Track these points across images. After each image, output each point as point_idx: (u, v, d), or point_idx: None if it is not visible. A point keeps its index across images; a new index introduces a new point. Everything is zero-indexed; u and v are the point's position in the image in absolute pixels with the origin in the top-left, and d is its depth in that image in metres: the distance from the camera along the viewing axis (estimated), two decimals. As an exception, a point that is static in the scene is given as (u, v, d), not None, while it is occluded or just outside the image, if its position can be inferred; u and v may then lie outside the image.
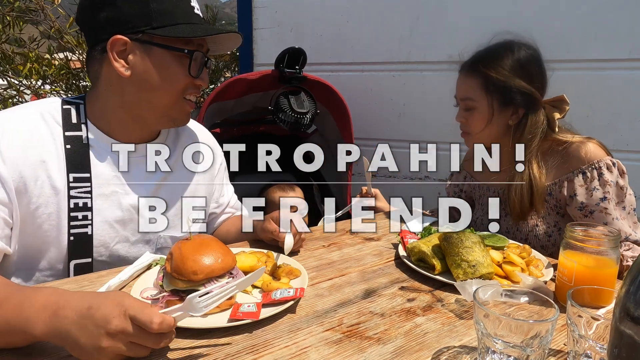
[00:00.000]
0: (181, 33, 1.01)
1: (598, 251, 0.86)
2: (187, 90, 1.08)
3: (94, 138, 1.06)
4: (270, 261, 1.01)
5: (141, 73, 1.03)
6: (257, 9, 2.56)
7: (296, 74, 2.01)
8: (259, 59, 2.62)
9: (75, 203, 1.02)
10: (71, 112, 1.06)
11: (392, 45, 2.33)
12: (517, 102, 1.30)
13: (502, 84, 1.29)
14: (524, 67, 1.31)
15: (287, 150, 1.13)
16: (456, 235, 1.03)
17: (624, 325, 0.48)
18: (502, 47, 1.34)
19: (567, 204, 1.29)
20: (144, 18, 1.00)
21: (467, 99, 1.36)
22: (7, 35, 3.26)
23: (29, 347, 0.72)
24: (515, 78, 1.29)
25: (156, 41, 1.02)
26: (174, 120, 1.12)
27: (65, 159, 1.02)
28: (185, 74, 1.04)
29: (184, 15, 1.04)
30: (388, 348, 0.75)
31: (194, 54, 1.04)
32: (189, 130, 1.29)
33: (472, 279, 0.93)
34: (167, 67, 1.03)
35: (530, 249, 1.12)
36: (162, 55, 1.03)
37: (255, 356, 0.72)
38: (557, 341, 0.77)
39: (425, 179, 2.38)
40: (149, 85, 1.04)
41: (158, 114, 1.09)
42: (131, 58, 1.02)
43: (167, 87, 1.05)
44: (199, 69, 1.07)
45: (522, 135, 1.31)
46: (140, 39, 1.01)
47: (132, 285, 0.92)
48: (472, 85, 1.34)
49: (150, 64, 1.03)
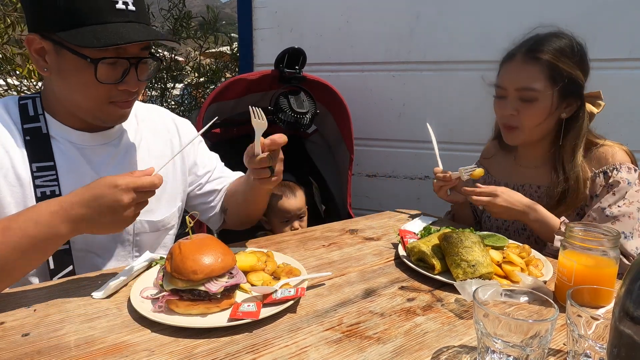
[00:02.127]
0: (81, 40, 0.91)
1: (597, 251, 0.86)
2: (112, 95, 1.01)
3: (53, 128, 1.07)
4: (270, 260, 1.01)
5: (58, 74, 0.99)
6: (257, 9, 2.56)
7: (296, 74, 2.00)
8: (259, 59, 2.62)
9: (43, 192, 1.03)
10: (28, 105, 1.07)
11: (392, 45, 2.33)
12: (577, 94, 1.25)
13: (566, 74, 1.23)
14: (583, 59, 1.26)
15: (287, 150, 1.12)
16: (456, 235, 1.03)
17: (624, 325, 0.48)
18: (559, 37, 1.27)
19: (587, 204, 1.27)
20: (52, 18, 0.93)
21: (526, 89, 1.25)
22: (8, 36, 3.26)
23: (29, 347, 0.72)
24: (577, 69, 1.24)
25: (65, 44, 0.93)
26: (103, 122, 1.07)
27: (26, 149, 1.03)
28: (96, 81, 0.96)
29: (99, 14, 0.92)
30: (388, 348, 0.75)
31: (100, 60, 0.94)
32: (149, 112, 1.27)
33: (472, 279, 0.93)
34: (80, 71, 0.96)
35: (530, 248, 1.12)
36: (73, 59, 0.94)
37: (255, 355, 0.72)
38: (556, 341, 0.77)
39: (426, 179, 2.38)
40: (67, 87, 1.00)
41: (85, 114, 1.05)
42: (48, 58, 0.98)
43: (84, 92, 0.99)
44: (122, 74, 0.98)
45: (578, 131, 1.27)
46: (52, 39, 0.94)
47: (132, 284, 0.92)
48: (535, 74, 1.24)
49: (64, 67, 0.97)
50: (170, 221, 1.26)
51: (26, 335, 0.76)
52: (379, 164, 2.50)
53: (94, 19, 0.92)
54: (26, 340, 0.74)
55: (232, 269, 0.87)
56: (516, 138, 1.34)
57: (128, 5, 0.96)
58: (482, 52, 2.13)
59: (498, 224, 1.49)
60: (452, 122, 2.25)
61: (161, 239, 1.25)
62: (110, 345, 0.74)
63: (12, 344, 0.73)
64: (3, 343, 0.73)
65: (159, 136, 1.25)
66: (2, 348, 0.72)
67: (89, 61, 0.94)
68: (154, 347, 0.73)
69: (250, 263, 0.98)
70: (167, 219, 1.24)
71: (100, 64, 0.95)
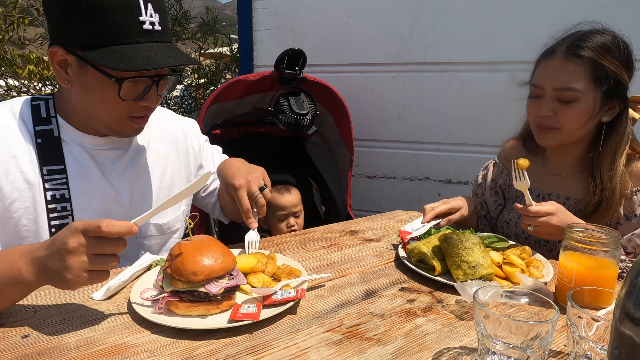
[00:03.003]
0: (108, 61, 0.91)
1: (598, 252, 0.85)
2: (132, 110, 1.02)
3: (64, 131, 1.07)
4: (271, 262, 1.01)
5: (80, 88, 0.99)
6: (257, 10, 2.56)
7: (296, 75, 2.01)
8: (259, 60, 2.62)
9: (52, 195, 1.03)
10: (40, 107, 1.06)
11: (391, 46, 2.33)
12: (621, 96, 1.15)
13: (612, 74, 1.12)
14: (629, 59, 1.16)
15: (287, 151, 1.12)
16: (456, 236, 1.03)
17: (624, 326, 0.48)
18: (604, 35, 1.16)
19: (620, 222, 1.17)
20: (79, 35, 0.93)
21: (567, 89, 1.14)
22: (9, 36, 3.27)
23: (29, 349, 0.72)
24: (624, 70, 1.14)
25: (90, 61, 0.94)
26: (118, 134, 1.07)
27: (37, 152, 1.02)
28: (118, 98, 0.97)
29: (124, 35, 0.93)
30: (388, 349, 0.75)
31: (125, 80, 0.94)
32: (158, 116, 1.26)
33: (472, 280, 0.93)
34: (102, 87, 0.97)
35: (530, 250, 1.12)
36: (96, 75, 0.95)
37: (256, 357, 0.72)
38: (557, 342, 0.77)
39: (425, 180, 2.38)
40: (88, 100, 1.01)
41: (102, 126, 1.05)
42: (70, 70, 0.98)
43: (105, 107, 1.00)
44: (144, 91, 0.99)
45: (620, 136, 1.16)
46: (76, 54, 0.95)
47: (132, 286, 0.92)
48: (576, 73, 1.14)
49: (87, 81, 0.97)
50: (174, 224, 1.26)
51: (26, 336, 0.76)
52: (379, 165, 2.50)
53: (121, 40, 0.93)
54: (26, 341, 0.74)
55: (232, 270, 0.87)
56: (552, 139, 1.22)
57: (155, 25, 0.96)
58: (482, 53, 2.13)
59: (517, 232, 1.37)
60: (452, 122, 2.26)
61: (166, 243, 1.26)
62: (110, 347, 0.74)
63: (12, 345, 0.73)
64: (3, 344, 0.73)
65: (166, 139, 1.26)
66: (3, 349, 0.72)
67: (113, 80, 0.94)
68: (154, 348, 0.73)
69: (250, 264, 0.98)
70: (172, 222, 1.25)
71: (124, 83, 0.95)
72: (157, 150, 1.22)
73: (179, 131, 1.29)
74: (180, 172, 1.27)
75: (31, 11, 3.37)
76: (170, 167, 1.24)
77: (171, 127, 1.28)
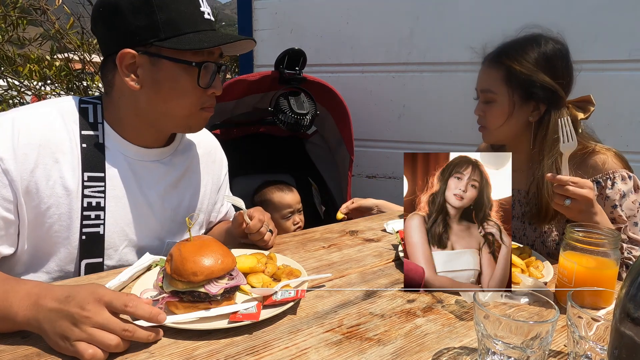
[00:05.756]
0: (188, 45, 0.97)
1: (598, 252, 0.85)
2: (203, 101, 1.05)
3: (109, 139, 1.06)
4: (271, 263, 1.01)
5: (152, 86, 1.01)
6: (257, 10, 2.56)
7: (296, 75, 2.01)
8: (259, 60, 2.62)
9: (89, 202, 1.02)
10: (88, 111, 1.06)
11: (391, 46, 2.33)
12: (540, 97, 1.25)
13: (525, 77, 1.24)
14: (550, 62, 1.25)
15: (287, 151, 1.12)
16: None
17: (624, 327, 0.48)
18: (528, 40, 1.28)
19: None
20: (150, 30, 0.97)
21: (487, 91, 1.31)
22: (9, 35, 3.27)
23: (29, 349, 0.72)
24: (540, 72, 1.24)
25: (164, 54, 0.98)
26: (190, 128, 1.11)
27: (81, 157, 1.01)
28: (196, 86, 1.01)
29: (192, 24, 0.99)
30: (388, 349, 0.75)
31: (203, 65, 1.00)
32: (201, 138, 1.28)
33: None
34: (177, 79, 1.00)
35: (530, 249, 1.12)
36: (171, 67, 0.99)
37: (255, 357, 0.72)
38: (557, 342, 0.77)
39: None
40: (162, 97, 1.02)
41: (174, 123, 1.07)
42: (141, 71, 1.00)
43: (180, 100, 1.03)
44: (211, 78, 1.03)
45: (547, 134, 1.25)
46: (149, 52, 0.98)
47: (131, 286, 0.92)
48: (494, 77, 1.29)
49: (160, 77, 1.00)
50: None
51: (26, 337, 0.75)
52: (379, 165, 2.50)
53: (189, 28, 0.99)
54: (26, 342, 0.74)
55: (232, 270, 0.87)
56: (486, 137, 1.38)
57: (210, 15, 1.05)
58: (482, 53, 2.13)
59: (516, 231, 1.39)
60: (452, 123, 2.25)
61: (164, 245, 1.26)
62: (110, 347, 0.73)
63: (12, 345, 0.73)
64: (3, 345, 0.73)
65: (205, 162, 1.26)
66: (2, 350, 0.72)
67: (193, 65, 0.99)
68: (154, 348, 0.73)
69: (251, 265, 0.98)
70: None
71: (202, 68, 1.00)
72: (195, 171, 1.23)
73: (219, 158, 1.32)
74: (210, 198, 1.29)
75: (31, 11, 3.37)
76: (202, 191, 1.25)
77: (212, 152, 1.30)
